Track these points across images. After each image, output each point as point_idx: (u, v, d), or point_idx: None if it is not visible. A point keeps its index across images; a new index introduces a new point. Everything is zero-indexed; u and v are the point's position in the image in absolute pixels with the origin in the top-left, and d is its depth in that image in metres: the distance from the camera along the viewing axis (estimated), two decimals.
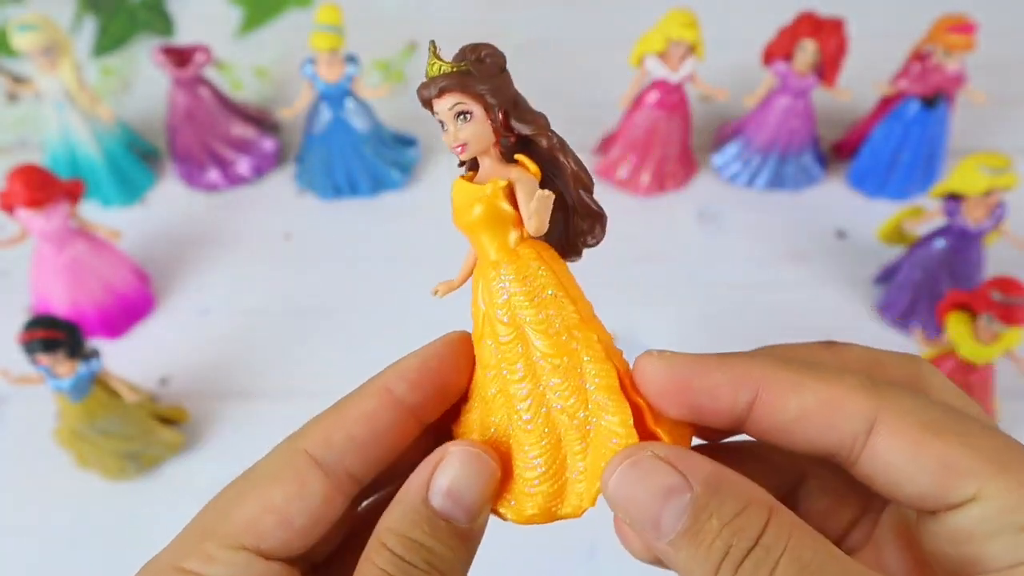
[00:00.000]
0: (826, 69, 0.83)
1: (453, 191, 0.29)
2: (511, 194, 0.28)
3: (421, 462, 0.28)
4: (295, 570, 0.27)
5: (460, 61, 0.28)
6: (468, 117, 0.27)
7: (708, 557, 0.23)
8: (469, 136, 0.28)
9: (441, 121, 0.28)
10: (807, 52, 0.83)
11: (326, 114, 0.86)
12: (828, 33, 0.82)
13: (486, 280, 0.29)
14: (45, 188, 0.69)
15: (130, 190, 0.91)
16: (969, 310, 0.67)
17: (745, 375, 0.26)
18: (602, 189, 0.78)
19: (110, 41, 1.07)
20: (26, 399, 0.74)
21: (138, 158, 0.92)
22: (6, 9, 1.09)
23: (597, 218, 0.29)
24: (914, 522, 0.27)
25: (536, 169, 0.28)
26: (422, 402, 0.29)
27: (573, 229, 0.29)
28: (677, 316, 0.81)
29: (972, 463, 0.24)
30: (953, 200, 0.73)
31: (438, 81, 0.27)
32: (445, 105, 0.27)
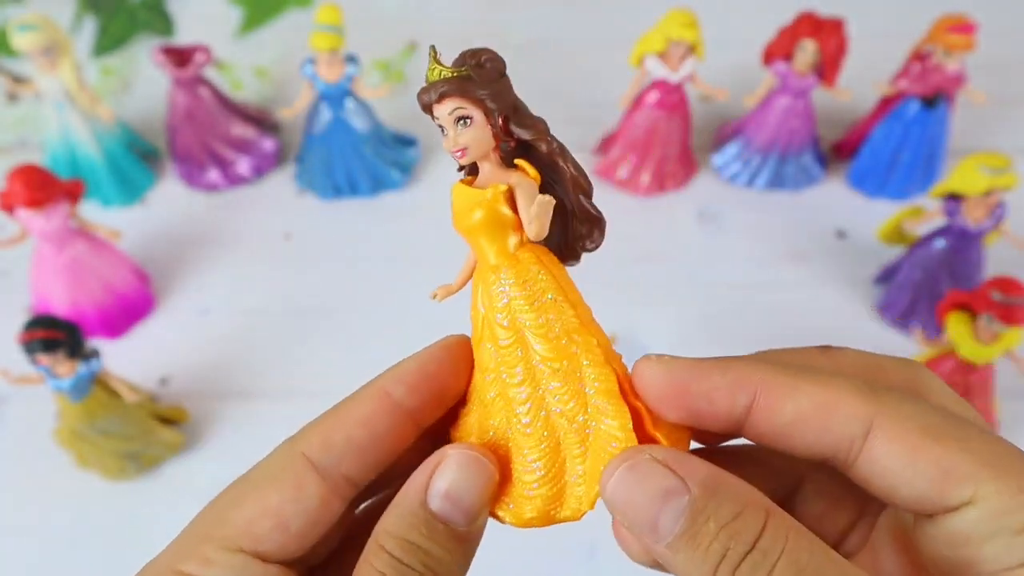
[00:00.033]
0: (826, 69, 0.83)
1: (453, 195, 0.29)
2: (511, 199, 0.28)
3: (419, 465, 0.28)
4: (293, 573, 0.27)
5: (460, 66, 0.28)
6: (468, 122, 0.27)
7: (705, 560, 0.23)
8: (469, 141, 0.28)
9: (441, 126, 0.28)
10: (807, 52, 0.83)
11: (326, 114, 0.86)
12: (828, 33, 0.82)
13: (486, 284, 0.29)
14: (45, 188, 0.69)
15: (130, 190, 0.91)
16: (969, 310, 0.67)
17: (742, 379, 0.26)
18: (602, 189, 0.78)
19: (110, 41, 1.07)
20: (26, 399, 0.74)
21: (138, 158, 0.92)
22: (6, 9, 1.09)
23: (596, 223, 0.29)
24: (911, 525, 0.27)
25: (536, 174, 0.28)
26: (420, 405, 0.29)
27: (572, 233, 0.30)
28: (677, 316, 0.81)
29: (969, 467, 0.24)
30: (953, 200, 0.73)
31: (438, 86, 0.27)
32: (445, 110, 0.28)
